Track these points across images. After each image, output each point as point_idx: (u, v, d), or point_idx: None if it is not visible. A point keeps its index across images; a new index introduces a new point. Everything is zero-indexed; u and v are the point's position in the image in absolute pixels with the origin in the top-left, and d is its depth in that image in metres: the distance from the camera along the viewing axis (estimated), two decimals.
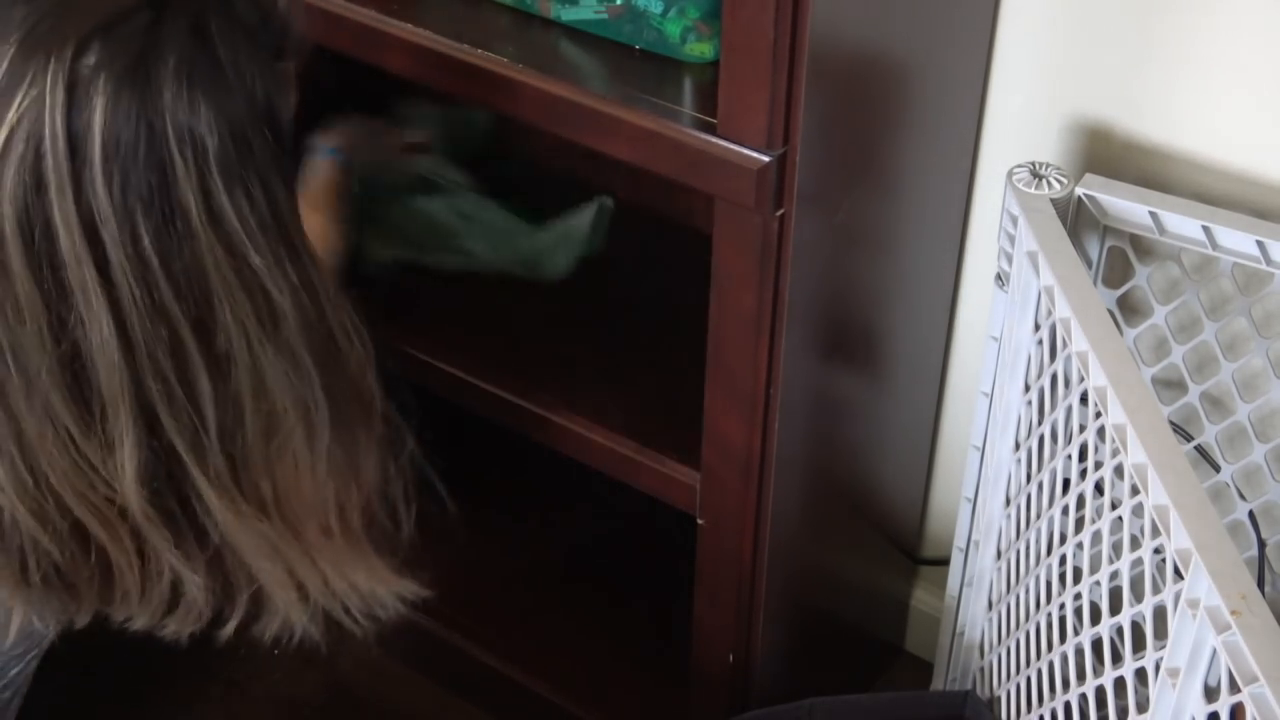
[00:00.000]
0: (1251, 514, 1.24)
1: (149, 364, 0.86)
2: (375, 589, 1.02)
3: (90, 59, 0.83)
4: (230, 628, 0.99)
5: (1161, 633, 0.91)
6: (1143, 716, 0.92)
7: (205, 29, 0.87)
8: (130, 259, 0.84)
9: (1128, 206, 1.14)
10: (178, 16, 0.86)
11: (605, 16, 1.11)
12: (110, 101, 0.83)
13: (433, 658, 1.56)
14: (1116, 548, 0.98)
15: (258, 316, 0.88)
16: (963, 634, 1.32)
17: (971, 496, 1.27)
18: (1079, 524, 1.06)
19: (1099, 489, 1.01)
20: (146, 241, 0.84)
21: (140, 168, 0.84)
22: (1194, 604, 0.85)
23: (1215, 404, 1.24)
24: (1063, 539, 1.09)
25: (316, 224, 1.31)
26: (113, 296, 0.85)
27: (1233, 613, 0.82)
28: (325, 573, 0.99)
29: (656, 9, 1.08)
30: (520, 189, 1.54)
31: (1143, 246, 1.19)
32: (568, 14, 1.12)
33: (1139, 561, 0.97)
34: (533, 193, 1.53)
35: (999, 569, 1.24)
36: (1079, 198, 1.14)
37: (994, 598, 1.26)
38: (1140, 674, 0.96)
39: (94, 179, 0.83)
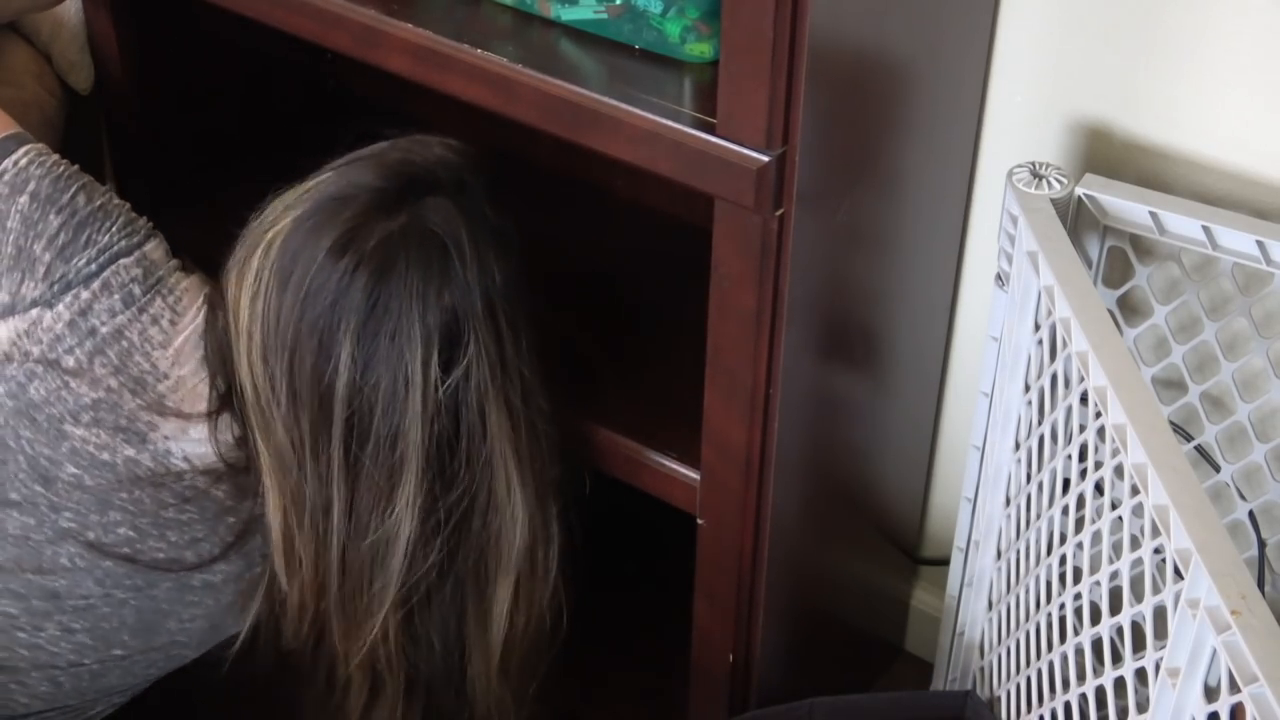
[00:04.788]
0: (1251, 514, 1.24)
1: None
2: None
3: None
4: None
5: (1161, 633, 0.91)
6: (1143, 716, 0.92)
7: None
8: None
9: (1128, 206, 1.14)
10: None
11: (605, 16, 1.11)
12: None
13: None
14: (1116, 548, 0.98)
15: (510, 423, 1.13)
16: (963, 634, 1.32)
17: (971, 496, 1.27)
18: (1079, 524, 1.06)
19: (1099, 489, 1.01)
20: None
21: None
22: (1194, 604, 0.85)
23: (1215, 404, 1.24)
24: (1063, 539, 1.09)
25: None
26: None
27: (1233, 613, 0.82)
28: None
29: (656, 9, 1.08)
30: (519, 188, 1.53)
31: (1143, 246, 1.19)
32: (568, 14, 1.12)
33: (1139, 561, 0.96)
34: (532, 193, 1.53)
35: (999, 569, 1.23)
36: (1079, 198, 1.14)
37: (994, 598, 1.26)
38: (1140, 674, 0.96)
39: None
